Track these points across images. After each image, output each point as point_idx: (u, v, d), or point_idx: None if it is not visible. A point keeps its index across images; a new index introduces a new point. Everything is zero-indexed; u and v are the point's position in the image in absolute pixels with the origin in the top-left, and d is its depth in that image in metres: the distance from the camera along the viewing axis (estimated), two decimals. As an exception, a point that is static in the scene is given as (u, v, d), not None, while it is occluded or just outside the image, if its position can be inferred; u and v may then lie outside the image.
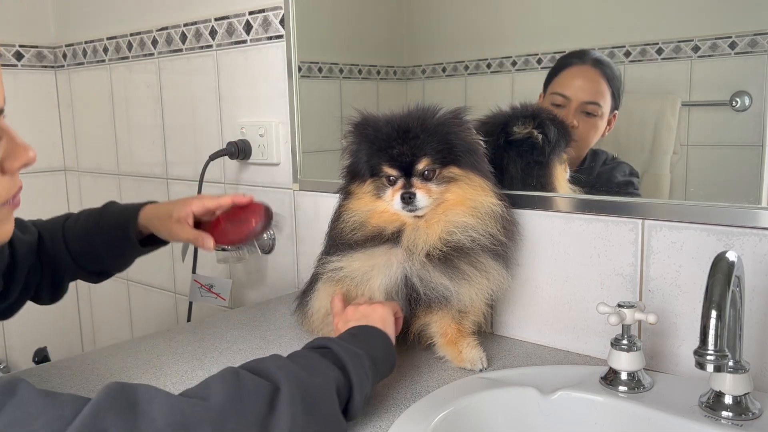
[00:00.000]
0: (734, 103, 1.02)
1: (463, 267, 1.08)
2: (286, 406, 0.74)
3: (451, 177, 1.08)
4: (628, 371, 0.97)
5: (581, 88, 1.18)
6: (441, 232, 1.07)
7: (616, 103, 1.15)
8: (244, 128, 1.70)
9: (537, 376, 1.03)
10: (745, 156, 1.03)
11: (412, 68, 1.44)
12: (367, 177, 1.12)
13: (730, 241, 1.00)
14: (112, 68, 2.15)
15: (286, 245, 1.67)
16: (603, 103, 1.16)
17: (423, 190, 1.06)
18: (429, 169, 1.07)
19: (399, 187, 1.08)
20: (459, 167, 1.08)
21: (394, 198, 1.07)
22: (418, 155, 1.07)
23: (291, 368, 0.80)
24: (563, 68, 1.19)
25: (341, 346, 0.89)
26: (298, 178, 1.61)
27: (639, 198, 1.11)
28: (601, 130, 1.17)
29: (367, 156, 1.11)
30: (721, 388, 0.88)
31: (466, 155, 1.09)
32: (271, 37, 1.62)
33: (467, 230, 1.07)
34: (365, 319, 1.02)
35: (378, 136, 1.10)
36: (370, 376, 0.90)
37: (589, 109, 1.17)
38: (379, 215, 1.11)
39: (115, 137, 2.20)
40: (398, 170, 1.08)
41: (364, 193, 1.13)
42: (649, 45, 1.10)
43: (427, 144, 1.06)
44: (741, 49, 1.01)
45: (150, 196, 2.06)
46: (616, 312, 0.97)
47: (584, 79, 1.18)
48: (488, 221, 1.08)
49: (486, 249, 1.08)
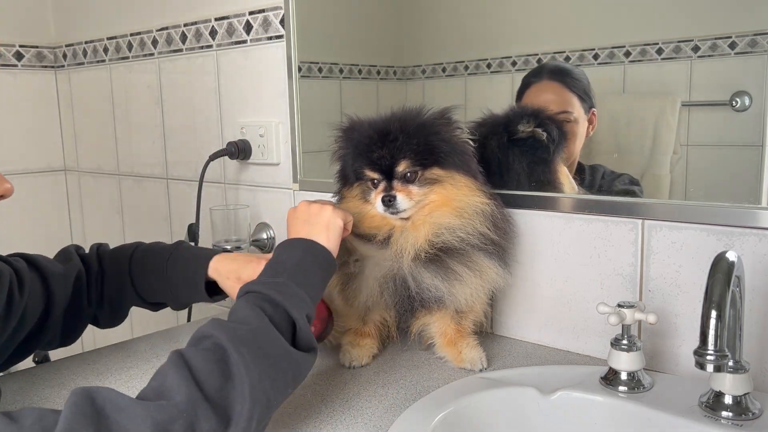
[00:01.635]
0: (734, 103, 1.02)
1: (454, 267, 1.08)
2: (239, 367, 0.74)
3: (434, 178, 1.08)
4: (628, 371, 0.97)
5: (546, 102, 1.20)
6: (427, 234, 1.07)
7: (590, 102, 1.17)
8: (244, 128, 1.70)
9: (537, 376, 1.03)
10: (745, 156, 1.03)
11: (412, 68, 1.44)
12: (353, 181, 1.14)
13: (730, 241, 0.99)
14: (112, 68, 2.15)
15: None
16: (571, 108, 1.18)
17: (403, 192, 1.07)
18: (410, 171, 1.07)
19: (380, 189, 1.08)
20: (442, 168, 1.08)
21: (376, 201, 1.08)
22: (397, 158, 1.07)
23: (228, 326, 0.80)
24: (524, 90, 1.23)
25: (262, 284, 0.88)
26: (298, 178, 1.61)
27: (639, 198, 1.11)
28: (581, 133, 1.19)
29: (351, 160, 1.13)
30: (721, 388, 0.88)
31: (450, 156, 1.09)
32: (271, 37, 1.62)
33: (454, 231, 1.07)
34: (308, 223, 1.00)
35: (360, 140, 1.11)
36: (305, 295, 0.89)
37: (561, 117, 1.18)
38: (370, 219, 1.12)
39: (116, 137, 2.20)
40: (379, 173, 1.09)
41: (353, 197, 1.14)
42: (649, 45, 1.10)
43: (407, 146, 1.07)
44: (741, 49, 1.01)
45: (150, 196, 2.09)
46: (616, 312, 0.97)
47: (545, 93, 1.20)
48: (476, 220, 1.08)
49: (477, 248, 1.08)
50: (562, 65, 1.18)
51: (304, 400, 1.02)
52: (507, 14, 1.30)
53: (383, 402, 1.00)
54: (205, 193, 1.75)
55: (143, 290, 1.17)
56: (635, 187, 1.13)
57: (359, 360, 1.14)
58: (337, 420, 0.95)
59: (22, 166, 2.31)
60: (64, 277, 1.11)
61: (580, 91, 1.17)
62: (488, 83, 1.31)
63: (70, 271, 1.12)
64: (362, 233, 1.12)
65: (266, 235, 1.70)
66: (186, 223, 1.78)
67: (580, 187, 1.20)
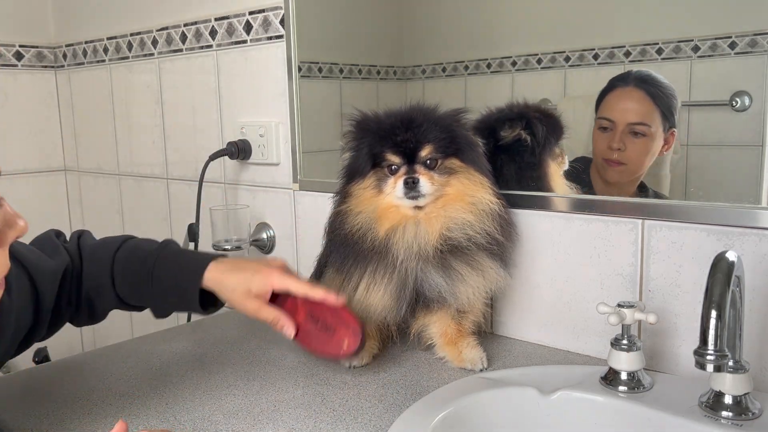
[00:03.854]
0: (734, 103, 1.02)
1: (457, 266, 1.08)
2: None
3: (453, 169, 1.09)
4: (628, 371, 0.97)
5: (626, 110, 1.16)
6: (441, 228, 1.07)
7: (672, 121, 1.12)
8: (244, 128, 1.70)
9: (537, 376, 1.03)
10: (745, 156, 1.03)
11: (412, 68, 1.44)
12: (368, 170, 1.11)
13: (730, 241, 1.00)
14: (112, 68, 2.15)
15: (285, 246, 1.67)
16: (650, 122, 1.14)
17: (426, 176, 1.06)
18: (432, 157, 1.08)
19: (402, 173, 1.07)
20: (461, 160, 1.09)
21: (396, 185, 1.07)
22: (422, 141, 1.07)
23: None
24: (607, 92, 1.18)
25: None
26: (298, 178, 1.61)
27: (639, 198, 1.11)
28: (655, 150, 1.14)
29: (369, 146, 1.11)
30: (721, 388, 0.88)
31: (468, 150, 1.10)
32: (271, 37, 1.62)
33: (465, 228, 1.07)
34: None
35: (381, 127, 1.11)
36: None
37: (637, 129, 1.15)
38: (383, 211, 1.09)
39: (115, 137, 2.20)
40: (401, 157, 1.08)
41: (365, 189, 1.11)
42: (649, 45, 1.10)
43: (431, 132, 1.07)
44: (741, 49, 1.01)
45: (150, 196, 2.09)
46: (616, 312, 0.97)
47: (628, 101, 1.16)
48: (485, 219, 1.08)
49: (482, 247, 1.08)
50: (653, 75, 1.12)
51: (304, 400, 1.02)
52: (507, 14, 1.31)
53: (383, 402, 1.00)
54: (205, 193, 1.75)
55: (125, 293, 1.10)
56: None
57: (359, 359, 1.14)
58: (337, 420, 0.95)
59: (22, 166, 2.31)
60: (52, 274, 1.04)
61: (664, 107, 1.12)
62: (488, 83, 1.31)
63: (59, 266, 1.05)
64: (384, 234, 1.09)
65: (266, 235, 1.70)
66: (186, 223, 1.78)
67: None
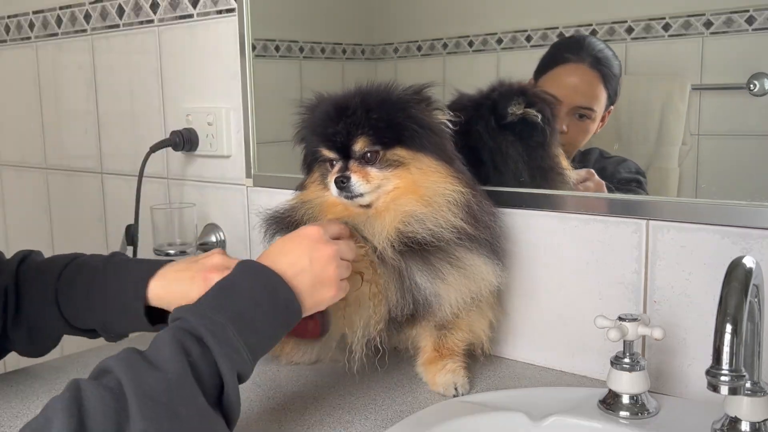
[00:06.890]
0: (752, 87, 1.03)
1: (437, 264, 1.05)
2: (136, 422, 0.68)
3: (398, 160, 1.07)
4: (630, 394, 0.97)
5: (575, 91, 1.19)
6: (394, 221, 1.05)
7: (613, 99, 1.16)
8: (190, 115, 1.70)
9: (526, 400, 1.03)
10: (764, 147, 1.04)
11: (383, 46, 1.45)
12: (313, 164, 1.13)
13: (748, 244, 1.00)
14: (39, 47, 2.14)
15: (238, 250, 1.66)
16: (597, 107, 1.18)
17: (359, 174, 1.05)
18: (369, 150, 1.06)
19: (335, 170, 1.07)
20: (406, 149, 1.07)
21: (330, 183, 1.07)
22: (354, 134, 1.06)
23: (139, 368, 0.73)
24: (557, 63, 1.20)
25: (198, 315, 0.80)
26: (251, 173, 1.61)
27: (643, 195, 1.11)
28: (591, 131, 1.19)
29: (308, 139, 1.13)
30: (737, 413, 0.87)
31: (418, 136, 1.07)
32: (221, 11, 1.62)
33: (423, 221, 1.04)
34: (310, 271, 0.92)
35: (314, 117, 1.11)
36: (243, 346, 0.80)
37: (582, 112, 1.18)
38: (331, 207, 1.11)
39: (42, 126, 2.19)
40: (336, 152, 1.08)
41: (312, 182, 1.14)
42: (654, 20, 1.10)
43: (366, 122, 1.06)
44: (760, 25, 1.01)
45: (83, 193, 2.08)
46: (617, 326, 0.97)
47: (580, 81, 1.19)
48: (447, 210, 1.05)
49: (456, 243, 1.06)
50: (607, 54, 1.14)
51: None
52: (491, -15, 1.32)
53: (365, 421, 1.01)
54: (145, 189, 1.73)
55: (71, 315, 1.08)
56: (640, 176, 1.14)
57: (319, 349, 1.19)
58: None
59: (-69, 159, 2.32)
60: None
61: (611, 89, 1.16)
62: (470, 63, 1.32)
63: None
64: None
65: (215, 238, 1.69)
66: (123, 224, 1.77)
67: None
